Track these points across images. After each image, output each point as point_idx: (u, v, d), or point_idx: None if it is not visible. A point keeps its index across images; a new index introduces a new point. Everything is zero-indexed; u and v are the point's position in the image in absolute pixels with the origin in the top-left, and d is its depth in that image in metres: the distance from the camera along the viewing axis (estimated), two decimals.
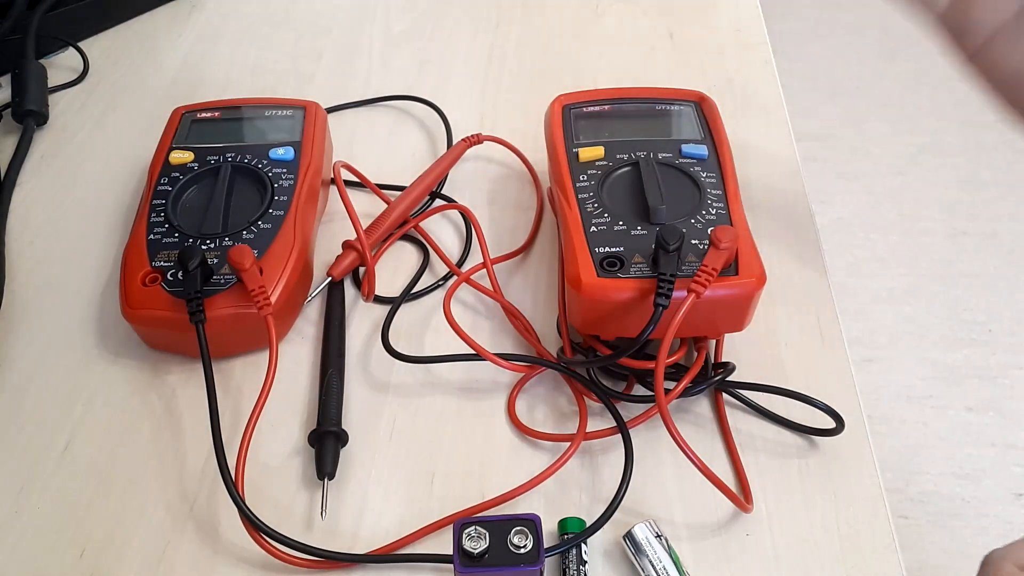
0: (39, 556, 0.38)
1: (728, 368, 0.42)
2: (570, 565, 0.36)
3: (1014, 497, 1.24)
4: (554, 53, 0.64)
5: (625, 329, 0.40)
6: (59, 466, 0.41)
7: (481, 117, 0.59)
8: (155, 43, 0.65)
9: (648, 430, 0.41)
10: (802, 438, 0.41)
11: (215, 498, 0.39)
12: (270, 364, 0.40)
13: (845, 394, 0.42)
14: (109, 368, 0.45)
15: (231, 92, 0.61)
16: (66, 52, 0.64)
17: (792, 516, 0.38)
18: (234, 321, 0.42)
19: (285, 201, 0.46)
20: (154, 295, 0.42)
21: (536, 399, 0.43)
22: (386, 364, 0.44)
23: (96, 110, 0.60)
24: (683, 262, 0.40)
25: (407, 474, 0.40)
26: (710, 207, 0.42)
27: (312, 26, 0.67)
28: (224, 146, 0.49)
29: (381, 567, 0.37)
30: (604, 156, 0.45)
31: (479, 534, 0.34)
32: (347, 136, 0.58)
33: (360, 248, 0.47)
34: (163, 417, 0.43)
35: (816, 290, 0.47)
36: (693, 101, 0.49)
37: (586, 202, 0.43)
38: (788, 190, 0.53)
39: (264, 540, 0.37)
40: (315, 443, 0.40)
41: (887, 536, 0.38)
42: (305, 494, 0.40)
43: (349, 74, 0.62)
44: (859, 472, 0.40)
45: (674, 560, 0.36)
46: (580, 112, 0.49)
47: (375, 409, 0.43)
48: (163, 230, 0.45)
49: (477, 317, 0.47)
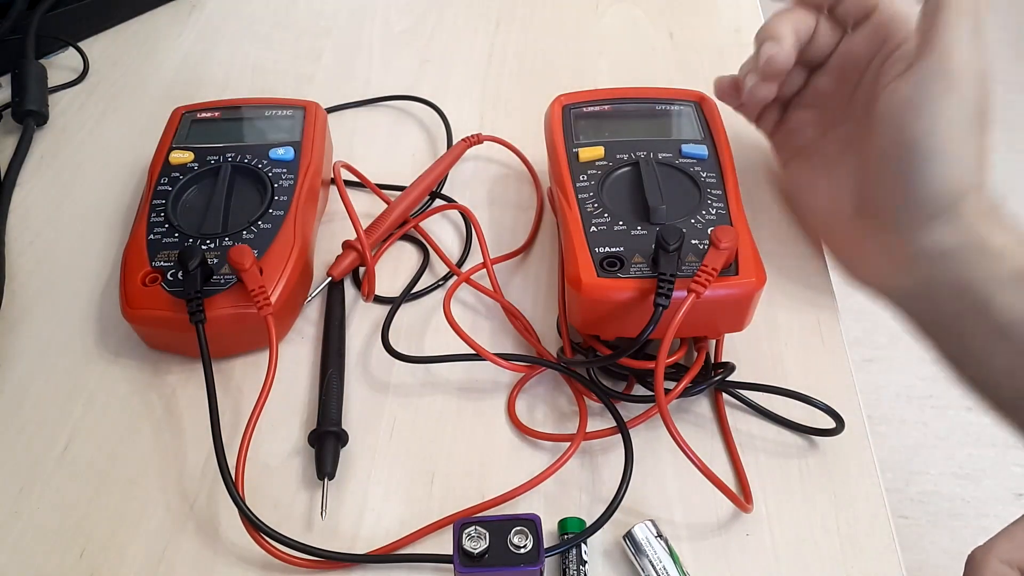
0: (39, 556, 0.38)
1: (728, 368, 0.42)
2: (570, 565, 0.36)
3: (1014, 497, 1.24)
4: (554, 53, 0.64)
5: (625, 329, 0.40)
6: (59, 466, 0.41)
7: (481, 117, 0.59)
8: (155, 43, 0.65)
9: (648, 430, 0.41)
10: (802, 438, 0.41)
11: (215, 498, 0.39)
12: (270, 364, 0.40)
13: (845, 394, 0.42)
14: (109, 368, 0.45)
15: (231, 92, 0.61)
16: (66, 52, 0.64)
17: (792, 516, 0.38)
18: (234, 321, 0.42)
19: (285, 201, 0.46)
20: (154, 295, 0.42)
21: (536, 399, 0.43)
22: (386, 364, 0.44)
23: (96, 110, 0.60)
24: (683, 262, 0.40)
25: (407, 474, 0.40)
26: (710, 207, 0.42)
27: (312, 26, 0.67)
28: (224, 146, 0.49)
29: (381, 567, 0.37)
30: (604, 156, 0.45)
31: (479, 534, 0.34)
32: (347, 136, 0.57)
33: (360, 248, 0.47)
34: (163, 417, 0.43)
35: (816, 290, 0.47)
36: (693, 101, 0.49)
37: (586, 202, 0.43)
38: None
39: (264, 540, 0.37)
40: (315, 443, 0.40)
41: (887, 536, 0.38)
42: (305, 494, 0.40)
43: (349, 74, 0.62)
44: (859, 472, 0.40)
45: (674, 560, 0.36)
46: (580, 112, 0.49)
47: (375, 409, 0.43)
48: (163, 230, 0.45)
49: (477, 317, 0.47)
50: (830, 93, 0.47)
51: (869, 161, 0.44)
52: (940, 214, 0.41)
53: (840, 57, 0.46)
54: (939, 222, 0.41)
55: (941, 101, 0.39)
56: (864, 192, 0.44)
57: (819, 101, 0.48)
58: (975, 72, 0.39)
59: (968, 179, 0.41)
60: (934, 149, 0.40)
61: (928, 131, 0.40)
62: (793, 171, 0.50)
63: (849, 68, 0.46)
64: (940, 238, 0.42)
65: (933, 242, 0.42)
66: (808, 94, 0.49)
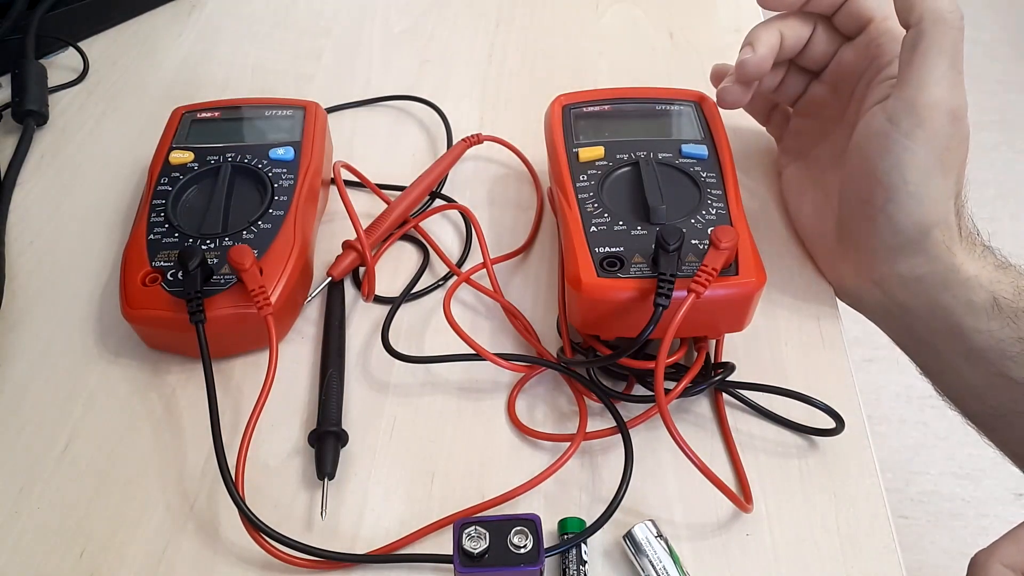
0: (39, 556, 0.38)
1: (728, 368, 0.42)
2: (570, 565, 0.36)
3: (1014, 497, 1.24)
4: (554, 53, 0.64)
5: (625, 329, 0.40)
6: (59, 466, 0.41)
7: (481, 117, 0.59)
8: (155, 43, 0.65)
9: (648, 430, 0.41)
10: (802, 438, 0.41)
11: (215, 498, 0.39)
12: (270, 364, 0.40)
13: (845, 394, 0.42)
14: (109, 368, 0.45)
15: (231, 92, 0.61)
16: (66, 52, 0.63)
17: (792, 516, 0.38)
18: (234, 321, 0.42)
19: (285, 201, 0.46)
20: (154, 295, 0.42)
21: (536, 399, 0.43)
22: (386, 364, 0.44)
23: (96, 110, 0.60)
24: (683, 262, 0.40)
25: (407, 474, 0.40)
26: (710, 207, 0.42)
27: (312, 26, 0.67)
28: (224, 146, 0.49)
29: (381, 567, 0.37)
30: (604, 156, 0.45)
31: (479, 534, 0.34)
32: (347, 136, 0.57)
33: (360, 248, 0.47)
34: (163, 417, 0.43)
35: (816, 290, 0.47)
36: (693, 101, 0.49)
37: (586, 202, 0.43)
38: None
39: (264, 540, 0.37)
40: (315, 443, 0.40)
41: (887, 536, 0.38)
42: (305, 494, 0.40)
43: (349, 74, 0.62)
44: (859, 472, 0.40)
45: (674, 560, 0.36)
46: (580, 112, 0.49)
47: (375, 409, 0.43)
48: (163, 230, 0.45)
49: (477, 317, 0.47)
50: (827, 102, 0.47)
51: (844, 185, 0.44)
52: (907, 245, 0.42)
53: (835, 67, 0.46)
54: (907, 252, 0.42)
55: (908, 138, 0.40)
56: (841, 212, 0.45)
57: (816, 110, 0.48)
58: (947, 110, 0.40)
59: (934, 215, 0.41)
60: (898, 185, 0.41)
61: (894, 166, 0.40)
62: (790, 175, 0.50)
63: (842, 80, 0.46)
64: (909, 266, 0.42)
65: (903, 268, 0.42)
66: (807, 101, 0.49)
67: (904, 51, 0.40)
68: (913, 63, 0.40)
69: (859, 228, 0.43)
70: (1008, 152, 1.69)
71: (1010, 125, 1.74)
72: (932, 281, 0.42)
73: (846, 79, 0.46)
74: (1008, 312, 0.41)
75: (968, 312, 0.42)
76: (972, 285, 0.42)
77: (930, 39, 0.39)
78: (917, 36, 0.40)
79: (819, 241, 0.47)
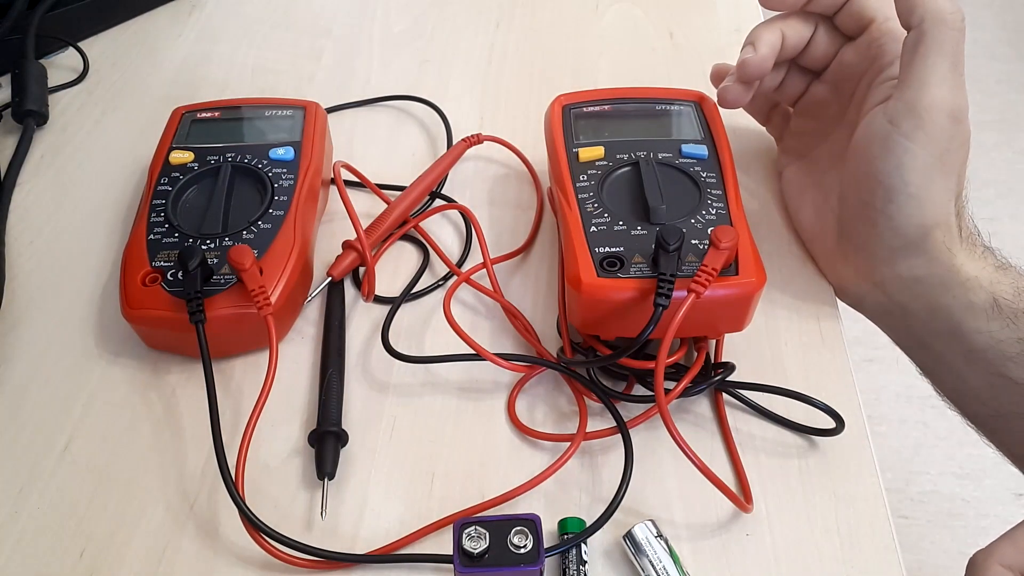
0: (39, 556, 0.38)
1: (728, 368, 0.42)
2: (570, 565, 0.36)
3: (1014, 497, 1.24)
4: (554, 53, 0.64)
5: (625, 329, 0.40)
6: (59, 466, 0.41)
7: (481, 117, 0.59)
8: (155, 43, 0.65)
9: (648, 430, 0.41)
10: (802, 438, 0.41)
11: (215, 498, 0.39)
12: (270, 364, 0.40)
13: (845, 394, 0.42)
14: (109, 368, 0.45)
15: (231, 92, 0.61)
16: (66, 52, 0.63)
17: (792, 516, 0.38)
18: (234, 321, 0.42)
19: (285, 201, 0.46)
20: (154, 295, 0.42)
21: (536, 399, 0.43)
22: (386, 364, 0.44)
23: (96, 110, 0.60)
24: (683, 262, 0.40)
25: (407, 474, 0.40)
26: (710, 207, 0.42)
27: (312, 26, 0.67)
28: (224, 146, 0.49)
29: (381, 567, 0.37)
30: (604, 156, 0.45)
31: (479, 534, 0.34)
32: (347, 136, 0.57)
33: (360, 248, 0.47)
34: (163, 417, 0.43)
35: (816, 290, 0.47)
36: (693, 101, 0.49)
37: (586, 202, 0.43)
38: None
39: (264, 540, 0.37)
40: (315, 443, 0.40)
41: (887, 536, 0.38)
42: (305, 494, 0.40)
43: (349, 74, 0.62)
44: (859, 472, 0.40)
45: (674, 560, 0.36)
46: (580, 112, 0.49)
47: (375, 409, 0.43)
48: (163, 230, 0.45)
49: (477, 317, 0.47)
50: (828, 103, 0.47)
51: (844, 186, 0.44)
52: (907, 246, 0.42)
53: (836, 68, 0.46)
54: (907, 253, 0.42)
55: (909, 139, 0.40)
56: (841, 213, 0.45)
57: (816, 110, 0.48)
58: (948, 111, 0.40)
59: (934, 216, 0.41)
60: (898, 187, 0.41)
61: (894, 168, 0.40)
62: (790, 175, 0.50)
63: (843, 80, 0.46)
64: (909, 267, 0.42)
65: (903, 269, 0.42)
66: (807, 101, 0.49)
67: (905, 52, 0.40)
68: (914, 64, 0.40)
69: (859, 229, 0.43)
70: (1008, 152, 1.69)
71: (1010, 125, 1.74)
72: (932, 282, 0.42)
73: (847, 79, 0.46)
74: (1008, 313, 0.41)
75: (968, 313, 0.42)
76: (972, 286, 0.42)
77: (931, 40, 0.39)
78: (918, 37, 0.40)
79: (819, 241, 0.47)
